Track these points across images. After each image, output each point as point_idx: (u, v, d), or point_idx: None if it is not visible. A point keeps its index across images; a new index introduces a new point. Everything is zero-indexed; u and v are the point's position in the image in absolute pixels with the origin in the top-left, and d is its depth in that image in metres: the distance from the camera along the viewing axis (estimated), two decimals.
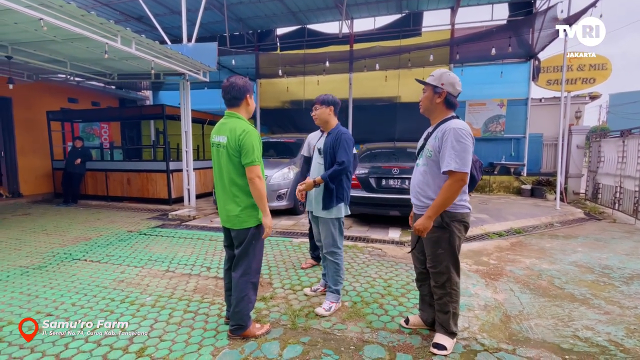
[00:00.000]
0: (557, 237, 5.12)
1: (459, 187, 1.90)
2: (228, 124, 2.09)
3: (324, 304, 2.63)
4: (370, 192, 5.19)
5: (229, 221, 2.13)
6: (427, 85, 2.10)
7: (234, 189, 2.09)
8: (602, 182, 7.73)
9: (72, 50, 5.98)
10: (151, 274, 3.52)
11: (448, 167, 1.89)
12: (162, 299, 2.91)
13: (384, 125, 9.86)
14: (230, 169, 2.07)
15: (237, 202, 2.08)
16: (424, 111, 2.15)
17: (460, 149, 1.88)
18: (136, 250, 4.29)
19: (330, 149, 2.59)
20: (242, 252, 2.13)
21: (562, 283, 3.29)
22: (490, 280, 3.33)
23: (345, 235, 4.78)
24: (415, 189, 2.13)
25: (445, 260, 2.05)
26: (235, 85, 2.10)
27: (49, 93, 9.49)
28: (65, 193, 8.08)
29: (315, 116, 2.71)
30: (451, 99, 2.05)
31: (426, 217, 1.95)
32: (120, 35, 4.90)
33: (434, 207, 1.93)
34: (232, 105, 2.13)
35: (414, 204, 2.19)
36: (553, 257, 4.10)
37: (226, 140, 2.05)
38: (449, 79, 2.03)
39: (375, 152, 6.19)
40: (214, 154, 2.17)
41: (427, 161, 2.06)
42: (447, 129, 1.94)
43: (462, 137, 1.89)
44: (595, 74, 8.57)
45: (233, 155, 2.04)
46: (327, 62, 7.90)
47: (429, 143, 2.06)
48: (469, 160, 1.90)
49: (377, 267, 3.61)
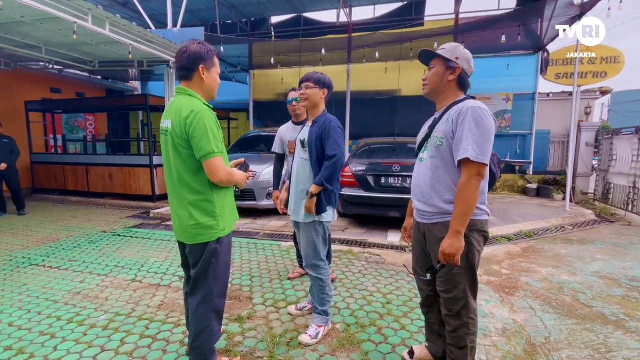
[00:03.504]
0: (572, 241, 4.68)
1: (477, 183, 1.45)
2: (174, 103, 1.58)
3: (310, 329, 2.18)
4: (368, 191, 4.72)
5: (182, 232, 1.64)
6: (437, 58, 1.64)
7: (186, 192, 1.58)
8: (613, 182, 7.30)
9: (44, 32, 5.46)
10: (114, 284, 3.05)
11: (463, 155, 1.45)
12: (118, 317, 2.44)
13: (383, 120, 9.40)
14: (178, 164, 1.56)
15: (190, 208, 1.58)
16: (430, 92, 1.68)
17: (479, 133, 1.45)
18: (104, 255, 3.82)
19: (317, 140, 2.11)
20: (200, 273, 1.63)
21: (589, 299, 2.84)
22: (505, 295, 2.88)
23: (340, 238, 4.33)
24: (422, 190, 1.65)
25: (462, 282, 1.58)
26: (185, 51, 1.57)
27: (30, 82, 8.93)
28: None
29: (304, 97, 2.17)
30: (465, 78, 1.63)
31: (454, 233, 1.45)
32: (91, 14, 4.39)
33: (460, 217, 1.44)
34: (182, 78, 1.61)
35: (418, 210, 1.69)
36: (572, 266, 3.66)
37: (170, 125, 1.55)
38: (464, 54, 1.61)
39: (374, 148, 5.72)
40: (162, 143, 1.66)
41: (436, 152, 1.59)
42: (463, 108, 1.51)
43: (482, 118, 1.46)
44: (607, 67, 8.11)
45: (180, 145, 1.53)
46: (324, 50, 7.39)
47: (437, 130, 1.61)
48: (489, 150, 1.46)
49: (374, 278, 3.15)
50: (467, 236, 1.52)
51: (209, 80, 1.63)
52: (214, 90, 1.68)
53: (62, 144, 9.04)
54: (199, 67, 1.58)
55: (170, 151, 1.58)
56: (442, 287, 1.63)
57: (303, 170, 2.18)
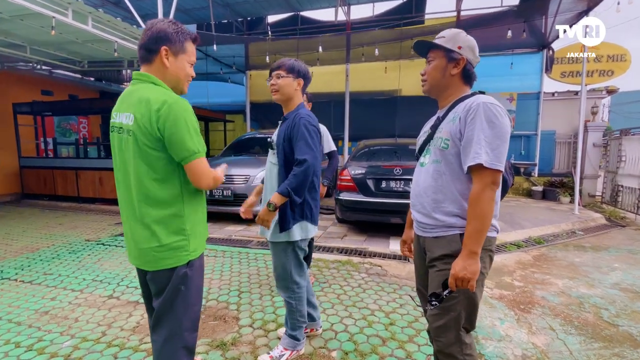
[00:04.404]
0: (585, 248, 4.40)
1: (492, 193, 1.22)
2: (135, 93, 1.25)
3: (275, 349, 1.96)
4: (368, 196, 4.44)
5: (141, 257, 1.31)
6: (437, 48, 1.39)
7: (148, 206, 1.25)
8: (623, 184, 7.02)
9: (26, 30, 5.20)
10: (88, 301, 2.76)
11: (475, 160, 1.21)
12: (85, 343, 2.16)
13: (383, 121, 9.15)
14: (142, 170, 1.23)
15: (153, 226, 1.26)
16: (431, 89, 1.44)
17: (492, 134, 1.21)
18: (83, 267, 3.53)
19: (284, 141, 1.77)
20: (165, 305, 1.31)
21: (613, 317, 2.56)
22: (521, 313, 2.59)
23: (339, 247, 4.05)
24: (422, 200, 1.39)
25: (456, 308, 1.29)
26: (150, 27, 1.26)
27: (19, 84, 8.66)
28: None
29: (274, 88, 1.81)
30: (471, 70, 1.39)
31: (468, 254, 1.20)
32: (71, 8, 4.13)
33: (475, 235, 1.20)
34: (142, 60, 1.29)
35: (418, 221, 1.43)
36: (589, 276, 3.38)
37: (133, 120, 1.21)
38: (467, 42, 1.38)
39: (373, 150, 5.45)
40: (115, 144, 1.32)
41: (440, 156, 1.34)
42: (471, 105, 1.27)
43: (495, 116, 1.22)
44: (614, 65, 7.86)
45: (146, 145, 1.21)
46: (321, 48, 7.13)
47: (441, 130, 1.37)
48: (504, 154, 1.23)
49: (376, 293, 2.86)
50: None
51: (173, 67, 1.29)
52: (180, 82, 1.33)
53: (52, 147, 8.78)
54: (160, 48, 1.25)
55: (129, 154, 1.25)
56: (433, 310, 1.34)
57: (271, 177, 1.87)
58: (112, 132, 1.33)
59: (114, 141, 1.31)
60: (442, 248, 1.31)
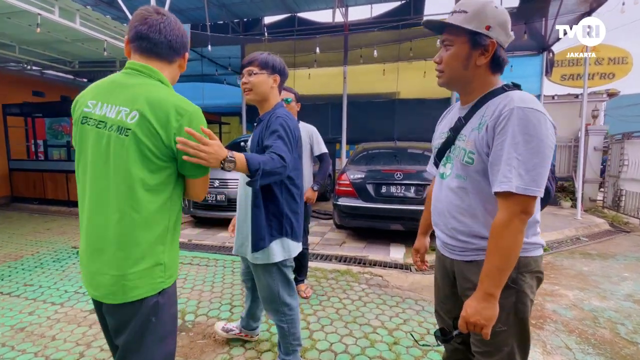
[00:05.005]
0: (591, 256, 4.25)
1: (522, 225, 0.98)
2: (137, 87, 1.04)
3: None
4: (367, 202, 4.27)
5: (104, 286, 1.04)
6: (455, 30, 1.08)
7: (130, 223, 1.02)
8: (625, 189, 6.91)
9: (14, 29, 5.01)
10: (69, 316, 2.57)
11: (503, 187, 0.97)
12: None
13: (381, 124, 9.01)
14: (136, 178, 1.01)
15: (131, 249, 1.03)
16: (449, 82, 1.15)
17: (528, 151, 0.95)
18: (67, 277, 3.33)
19: (259, 145, 1.55)
20: (132, 342, 1.06)
21: (630, 333, 2.40)
22: (534, 329, 2.43)
23: (337, 255, 3.88)
24: (445, 220, 1.19)
25: (508, 343, 1.10)
26: (180, 27, 1.11)
27: (9, 85, 8.44)
28: None
29: (247, 86, 1.60)
30: (502, 57, 1.09)
31: (484, 296, 1.00)
32: (57, 5, 3.96)
33: (494, 274, 0.99)
34: (154, 54, 1.09)
35: (443, 242, 1.22)
36: (599, 287, 3.23)
37: (137, 118, 0.99)
38: (498, 17, 1.05)
39: (372, 153, 5.29)
40: (86, 139, 1.05)
41: (463, 171, 1.11)
42: (503, 109, 1.00)
43: (534, 125, 0.95)
44: (615, 68, 7.79)
45: (150, 151, 1.01)
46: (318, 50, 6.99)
47: (464, 136, 1.12)
48: (544, 175, 0.96)
49: (377, 307, 2.68)
50: (516, 280, 1.06)
51: (180, 72, 1.20)
52: (175, 82, 1.21)
53: (43, 149, 8.56)
54: (184, 53, 1.16)
55: (120, 156, 1.00)
56: (480, 347, 1.15)
57: (245, 188, 1.62)
58: (82, 124, 1.05)
59: (86, 136, 1.05)
60: (477, 275, 1.08)
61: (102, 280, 1.05)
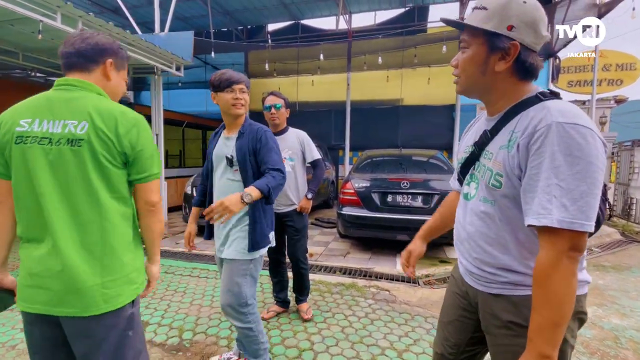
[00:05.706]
0: (605, 268, 4.10)
1: (573, 265, 0.79)
2: (79, 101, 1.05)
3: None
4: (373, 211, 4.15)
5: (72, 300, 1.00)
6: (472, 29, 0.93)
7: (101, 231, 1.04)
8: (636, 197, 6.76)
9: (17, 36, 5.01)
10: None
11: (541, 220, 0.79)
12: None
13: (385, 131, 8.96)
14: (98, 186, 1.03)
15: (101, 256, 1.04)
16: (467, 89, 1.01)
17: (573, 175, 0.77)
18: None
19: (250, 155, 1.71)
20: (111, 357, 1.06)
21: None
22: None
23: (342, 267, 3.75)
24: (469, 248, 1.03)
25: None
26: (89, 36, 1.12)
27: (14, 91, 8.43)
28: None
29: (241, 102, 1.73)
30: (530, 61, 0.90)
31: (537, 357, 0.80)
32: (60, 12, 3.92)
33: (548, 329, 0.79)
34: (76, 67, 1.10)
35: (466, 268, 1.06)
36: (617, 303, 3.08)
37: (87, 127, 1.01)
38: (524, 15, 0.87)
39: (377, 161, 5.19)
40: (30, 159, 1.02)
41: (490, 195, 0.95)
42: (539, 124, 0.82)
43: (579, 145, 0.77)
44: (623, 74, 7.68)
45: (105, 159, 1.04)
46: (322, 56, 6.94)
47: (490, 153, 0.96)
48: (593, 205, 0.78)
49: (385, 325, 2.55)
50: None
51: (116, 82, 1.18)
52: (116, 97, 1.21)
53: None
54: (106, 60, 1.14)
55: (76, 168, 1.02)
56: None
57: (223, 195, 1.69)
58: (17, 144, 1.03)
59: (28, 156, 1.02)
60: (509, 313, 0.93)
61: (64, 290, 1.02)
